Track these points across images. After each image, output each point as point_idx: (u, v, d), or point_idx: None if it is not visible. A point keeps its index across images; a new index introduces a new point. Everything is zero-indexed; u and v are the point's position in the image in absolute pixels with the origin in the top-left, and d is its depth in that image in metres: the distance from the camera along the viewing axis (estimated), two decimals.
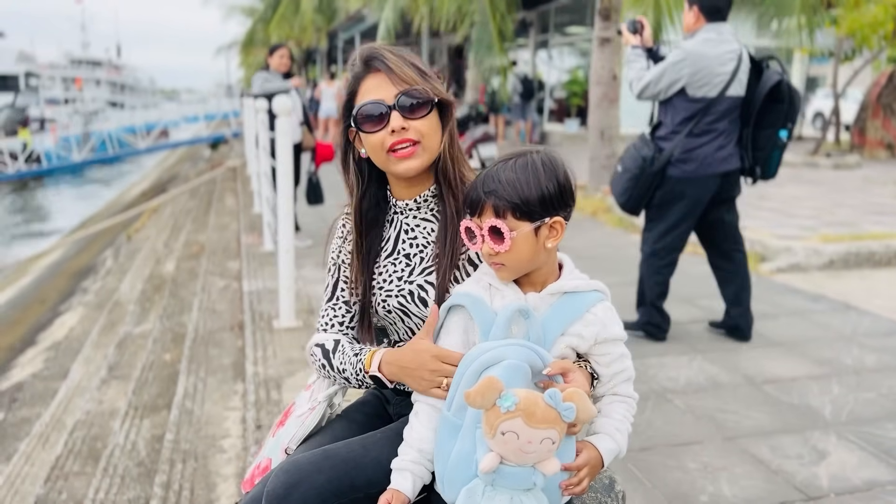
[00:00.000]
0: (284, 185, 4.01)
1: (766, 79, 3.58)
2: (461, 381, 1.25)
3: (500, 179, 1.29)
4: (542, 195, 1.29)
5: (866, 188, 9.00)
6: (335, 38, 24.49)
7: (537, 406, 1.13)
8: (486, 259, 1.34)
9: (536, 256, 1.32)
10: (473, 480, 1.19)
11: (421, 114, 1.44)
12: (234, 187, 11.84)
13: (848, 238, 5.79)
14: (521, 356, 1.22)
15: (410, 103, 1.43)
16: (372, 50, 1.48)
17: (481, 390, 1.13)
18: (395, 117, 1.42)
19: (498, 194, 1.28)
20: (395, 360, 1.42)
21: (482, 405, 1.14)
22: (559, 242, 1.35)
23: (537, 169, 1.30)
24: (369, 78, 1.46)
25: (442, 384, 1.33)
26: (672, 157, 3.63)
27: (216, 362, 4.15)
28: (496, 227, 1.28)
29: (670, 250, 3.79)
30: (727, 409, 3.11)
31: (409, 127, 1.43)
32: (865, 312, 4.44)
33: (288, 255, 4.03)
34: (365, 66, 1.47)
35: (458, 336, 1.37)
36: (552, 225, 1.31)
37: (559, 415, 1.13)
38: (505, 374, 1.19)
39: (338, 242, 1.63)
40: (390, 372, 1.43)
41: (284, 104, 3.92)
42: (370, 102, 1.44)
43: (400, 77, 1.44)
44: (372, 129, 1.44)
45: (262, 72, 6.44)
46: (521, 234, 1.28)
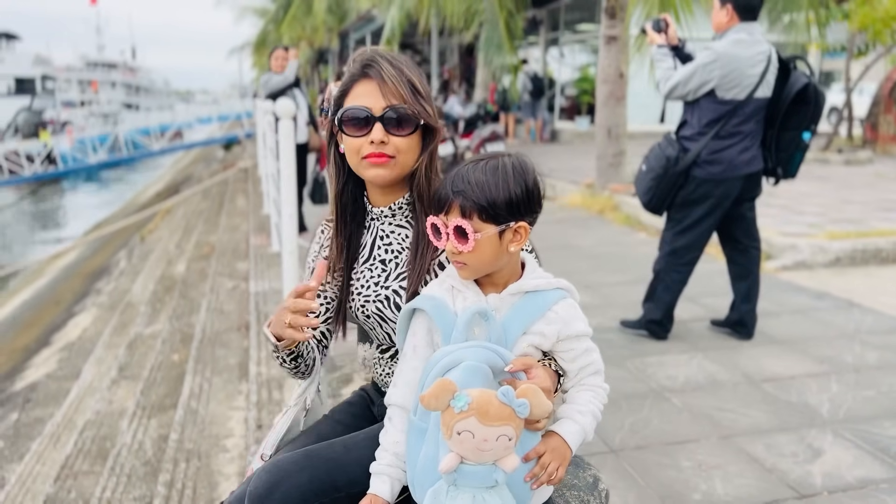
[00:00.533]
0: (287, 186, 4.05)
1: (794, 81, 3.57)
2: (423, 386, 1.28)
3: (469, 180, 1.32)
4: (510, 199, 1.31)
5: (876, 184, 8.93)
6: (346, 39, 24.55)
7: (490, 404, 1.15)
8: (450, 257, 1.36)
9: (498, 259, 1.35)
10: (438, 482, 1.22)
11: (404, 132, 1.46)
12: (245, 188, 11.93)
13: (854, 235, 5.76)
14: (480, 357, 1.25)
15: (396, 119, 1.45)
16: (373, 55, 1.49)
17: (435, 392, 1.16)
18: (377, 129, 1.45)
19: (466, 195, 1.31)
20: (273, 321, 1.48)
21: (437, 407, 1.17)
22: (521, 246, 1.38)
23: (507, 173, 1.32)
24: (364, 82, 1.48)
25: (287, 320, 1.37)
26: (698, 159, 3.62)
27: (222, 362, 4.21)
28: (461, 227, 1.30)
29: (690, 249, 3.79)
30: (725, 408, 3.12)
31: (388, 141, 1.45)
32: (869, 310, 4.43)
33: (292, 257, 4.07)
34: (362, 69, 1.49)
35: (422, 338, 1.39)
36: (516, 229, 1.33)
37: (513, 411, 1.16)
38: (464, 375, 1.22)
39: (314, 248, 1.68)
40: (273, 328, 1.48)
41: (286, 106, 3.97)
42: (358, 108, 1.46)
43: (391, 91, 1.46)
44: (353, 134, 1.47)
45: (267, 74, 6.52)
46: (486, 236, 1.31)
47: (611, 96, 7.80)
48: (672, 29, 3.84)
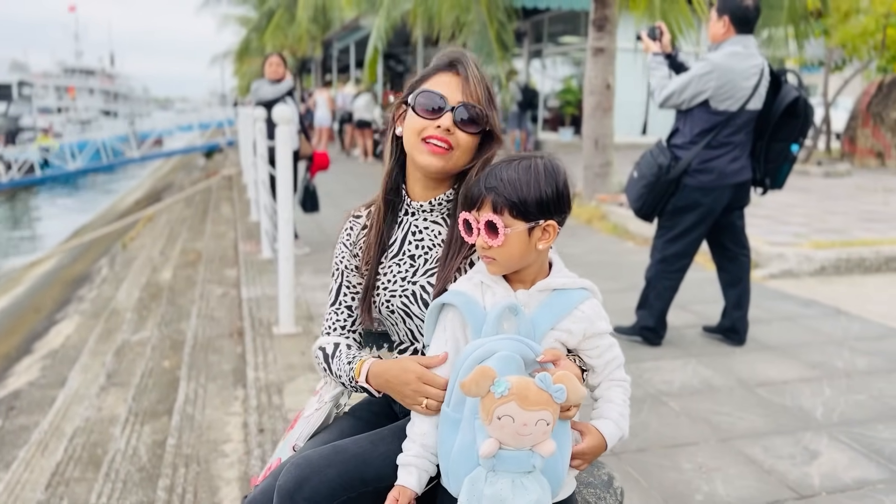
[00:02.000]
0: (284, 193, 4.06)
1: (785, 94, 3.65)
2: (457, 377, 1.30)
3: (501, 178, 1.35)
4: (540, 198, 1.35)
5: (857, 196, 9.11)
6: (330, 48, 24.56)
7: (529, 389, 1.19)
8: (479, 252, 1.39)
9: (527, 255, 1.38)
10: (476, 469, 1.25)
11: (471, 129, 1.50)
12: (230, 196, 11.87)
13: (839, 245, 5.87)
14: (512, 348, 1.28)
15: (468, 116, 1.49)
16: (461, 54, 1.55)
17: (475, 378, 1.20)
18: (447, 117, 1.48)
19: (498, 191, 1.34)
20: (381, 373, 1.47)
21: (477, 393, 1.20)
22: (550, 245, 1.41)
23: (539, 172, 1.36)
24: (446, 74, 1.53)
25: (422, 404, 1.38)
26: (689, 167, 3.68)
27: (216, 368, 4.19)
28: (492, 222, 1.34)
29: (681, 257, 3.84)
30: (721, 412, 3.17)
31: (454, 132, 1.49)
32: (856, 317, 4.51)
33: (288, 263, 4.08)
34: (449, 63, 1.54)
35: (451, 332, 1.42)
36: (545, 227, 1.37)
37: (551, 396, 1.20)
38: (498, 364, 1.24)
39: (342, 249, 1.67)
40: (377, 384, 1.48)
41: (285, 113, 3.98)
42: (436, 93, 1.50)
43: (470, 90, 1.51)
44: (423, 115, 1.50)
45: (258, 80, 6.51)
46: (515, 231, 1.34)
47: (598, 107, 7.89)
48: (666, 37, 3.91)
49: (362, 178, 12.53)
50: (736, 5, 3.59)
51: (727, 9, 3.60)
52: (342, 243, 1.68)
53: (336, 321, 1.65)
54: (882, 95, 12.47)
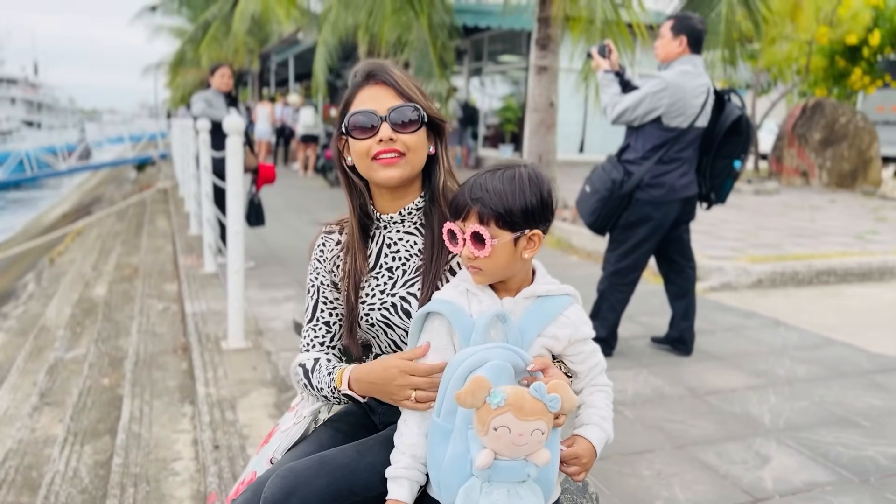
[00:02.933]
0: (235, 205, 3.98)
1: (729, 112, 3.79)
2: (448, 387, 1.30)
3: (487, 188, 1.36)
4: (526, 207, 1.35)
5: (785, 212, 9.51)
6: (268, 61, 24.29)
7: (525, 399, 1.19)
8: (465, 262, 1.39)
9: (513, 265, 1.38)
10: (470, 479, 1.24)
11: (411, 129, 1.49)
12: (165, 209, 11.55)
13: (773, 259, 6.11)
14: (503, 357, 1.28)
15: (402, 118, 1.49)
16: (373, 65, 1.54)
17: (471, 389, 1.19)
18: (384, 128, 1.48)
19: (484, 202, 1.34)
20: (363, 377, 1.46)
21: (473, 404, 1.19)
22: (535, 253, 1.42)
23: (524, 182, 1.37)
24: (366, 89, 1.52)
25: (411, 397, 1.37)
26: (641, 182, 3.77)
27: (161, 385, 4.05)
28: (478, 233, 1.34)
29: (632, 269, 3.92)
30: (674, 420, 3.24)
31: (396, 139, 1.48)
32: (793, 328, 4.70)
33: (238, 276, 3.99)
34: (366, 77, 1.53)
35: (438, 341, 1.41)
36: (531, 237, 1.38)
37: (545, 406, 1.20)
38: (490, 374, 1.24)
39: (316, 264, 1.65)
40: (360, 388, 1.47)
41: (236, 123, 3.91)
42: (363, 112, 1.49)
43: (394, 93, 1.50)
44: (361, 137, 1.49)
45: (203, 92, 6.37)
46: (502, 242, 1.35)
47: (541, 124, 8.01)
48: (615, 55, 4.01)
49: (303, 191, 12.40)
50: (692, 26, 3.72)
51: (685, 29, 3.72)
52: (316, 259, 1.65)
53: (314, 337, 1.63)
54: (806, 118, 13.09)
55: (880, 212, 9.97)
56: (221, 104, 6.10)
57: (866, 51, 13.08)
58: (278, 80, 25.76)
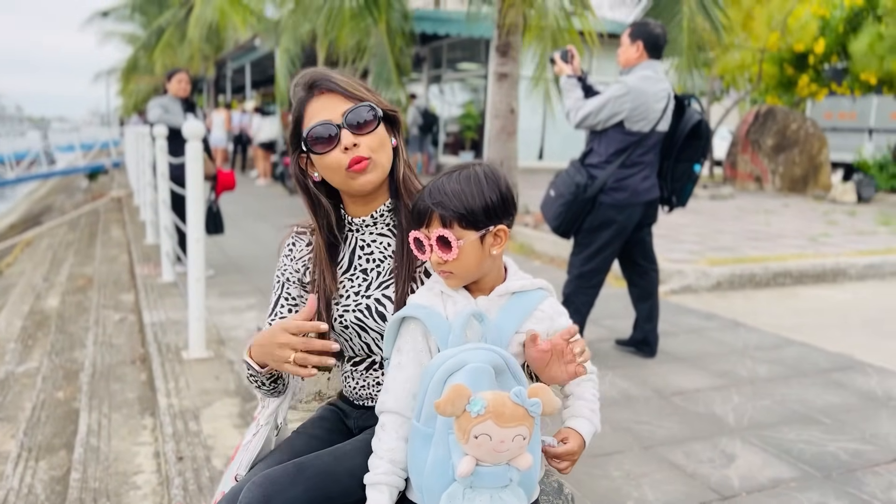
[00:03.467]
0: (195, 212, 3.90)
1: (689, 117, 3.85)
2: (427, 391, 1.28)
3: (445, 191, 1.35)
4: (486, 205, 1.35)
5: (741, 216, 9.72)
6: (224, 67, 23.97)
7: (505, 406, 1.17)
8: (436, 268, 1.39)
9: (483, 263, 1.38)
10: (452, 485, 1.22)
11: (369, 129, 1.47)
12: (120, 218, 11.29)
13: (731, 261, 6.23)
14: (482, 358, 1.27)
15: (357, 120, 1.46)
16: (315, 74, 1.51)
17: (450, 398, 1.17)
18: (345, 135, 1.45)
19: (444, 205, 1.34)
20: (256, 342, 1.45)
21: (452, 413, 1.17)
22: (503, 249, 1.42)
23: (480, 180, 1.37)
24: (313, 101, 1.49)
25: (290, 358, 1.35)
26: (605, 186, 3.80)
27: (119, 397, 3.94)
28: (443, 237, 1.33)
29: (597, 272, 3.95)
30: (641, 421, 3.26)
31: (359, 143, 1.46)
32: (753, 329, 4.79)
33: (199, 284, 3.91)
34: (308, 89, 1.50)
35: (416, 345, 1.39)
36: (496, 233, 1.38)
37: (527, 411, 1.18)
38: (470, 377, 1.22)
39: (284, 261, 1.62)
40: (257, 355, 1.45)
41: (196, 128, 3.84)
42: (319, 124, 1.46)
43: (341, 98, 1.47)
44: (324, 150, 1.47)
45: (159, 97, 6.25)
46: (468, 242, 1.34)
47: (502, 131, 8.05)
48: (576, 60, 4.05)
49: (262, 199, 12.25)
50: (649, 32, 3.78)
51: (641, 35, 3.78)
52: (285, 256, 1.63)
53: None
54: (759, 124, 13.42)
55: (831, 215, 10.25)
56: (179, 110, 5.99)
57: (812, 59, 13.48)
58: (234, 86, 25.44)
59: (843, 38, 12.64)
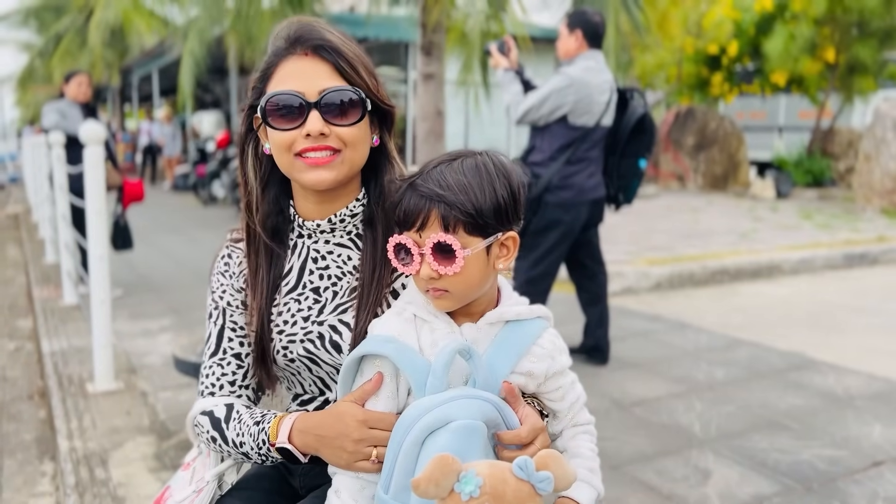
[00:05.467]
0: (97, 226, 3.44)
1: (632, 111, 3.66)
2: (399, 453, 0.97)
3: (448, 184, 1.03)
4: (498, 204, 1.05)
5: (669, 215, 9.76)
6: (130, 75, 22.81)
7: (506, 484, 0.87)
8: (424, 285, 1.06)
9: (486, 280, 1.07)
10: None
11: (350, 120, 1.13)
12: (17, 236, 10.43)
13: (670, 261, 6.14)
14: (472, 412, 0.97)
15: (338, 104, 1.11)
16: (305, 26, 1.14)
17: (434, 476, 0.85)
18: (313, 118, 1.10)
19: (448, 201, 1.02)
20: (310, 428, 1.10)
21: (436, 495, 0.85)
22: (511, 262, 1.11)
23: (490, 173, 1.06)
24: (292, 60, 1.13)
25: (371, 456, 1.03)
26: (550, 184, 3.56)
27: (14, 440, 3.43)
28: (445, 244, 1.01)
29: (544, 277, 3.71)
30: (605, 436, 3.02)
31: (329, 133, 1.11)
32: (700, 329, 4.66)
33: (104, 307, 3.45)
34: (290, 43, 1.14)
35: (383, 388, 1.07)
36: (504, 242, 1.07)
37: (533, 488, 0.88)
38: (457, 441, 0.93)
39: (221, 280, 1.27)
40: (304, 443, 1.10)
41: (95, 132, 3.38)
42: (286, 93, 1.11)
43: (328, 69, 1.12)
44: (282, 126, 1.12)
45: (55, 102, 5.66)
46: (475, 252, 1.03)
47: (430, 133, 7.79)
48: (514, 53, 3.81)
49: (174, 211, 11.59)
50: (587, 20, 3.57)
51: (579, 23, 3.56)
52: (220, 274, 1.27)
53: (222, 376, 1.23)
54: (679, 123, 13.64)
55: (755, 211, 10.43)
56: (78, 115, 5.43)
57: (725, 60, 13.80)
58: (142, 95, 24.27)
59: (755, 40, 12.97)
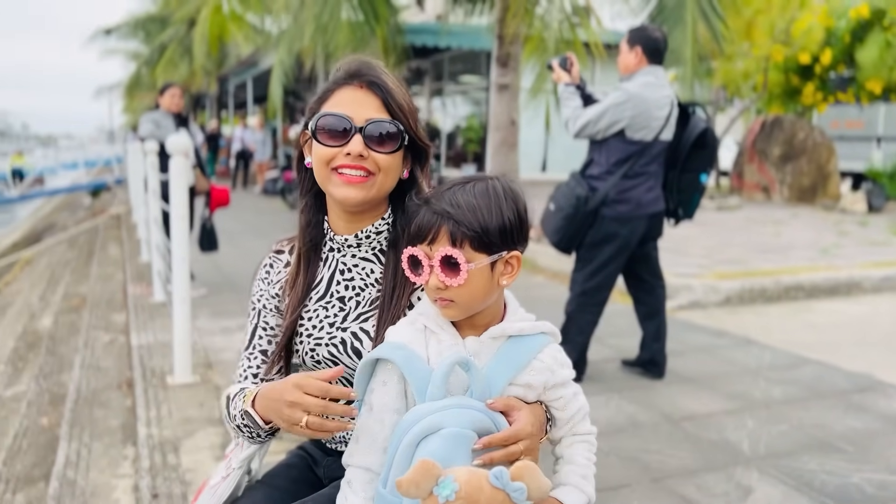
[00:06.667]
0: (179, 230, 3.73)
1: (694, 125, 3.68)
2: (395, 454, 1.10)
3: (458, 203, 1.16)
4: (503, 225, 1.17)
5: (749, 228, 9.51)
6: (226, 83, 23.93)
7: (482, 492, 0.98)
8: (432, 294, 1.19)
9: (490, 294, 1.20)
10: None
11: (387, 149, 1.29)
12: (118, 235, 11.16)
13: (741, 275, 6.03)
14: (462, 421, 1.09)
15: (380, 133, 1.28)
16: (362, 64, 1.33)
17: (415, 478, 0.97)
18: (356, 141, 1.27)
19: (456, 219, 1.15)
20: (264, 392, 1.25)
21: (417, 495, 0.98)
22: (513, 279, 1.23)
23: (498, 196, 1.18)
24: (347, 89, 1.31)
25: (301, 421, 1.14)
26: (607, 198, 3.62)
27: (102, 425, 3.76)
28: (451, 257, 1.14)
29: (600, 289, 3.76)
30: (650, 449, 3.06)
31: (368, 155, 1.28)
32: (766, 346, 4.58)
33: (184, 305, 3.74)
34: (349, 76, 1.32)
35: (391, 388, 1.20)
36: (509, 260, 1.20)
37: (508, 496, 0.99)
38: (445, 446, 1.05)
39: (260, 285, 1.45)
40: (261, 407, 1.25)
41: (180, 143, 3.67)
42: (337, 115, 1.28)
43: (376, 103, 1.30)
44: (327, 143, 1.29)
45: (151, 112, 6.11)
46: (479, 267, 1.16)
47: (503, 143, 7.90)
48: (576, 68, 3.88)
49: (262, 214, 12.11)
50: (647, 36, 3.61)
51: (639, 39, 3.61)
52: (260, 280, 1.45)
53: (248, 367, 1.41)
54: (765, 134, 13.23)
55: (841, 226, 10.03)
56: (170, 125, 5.84)
57: (818, 68, 13.32)
58: (237, 102, 25.40)
59: (849, 48, 12.47)
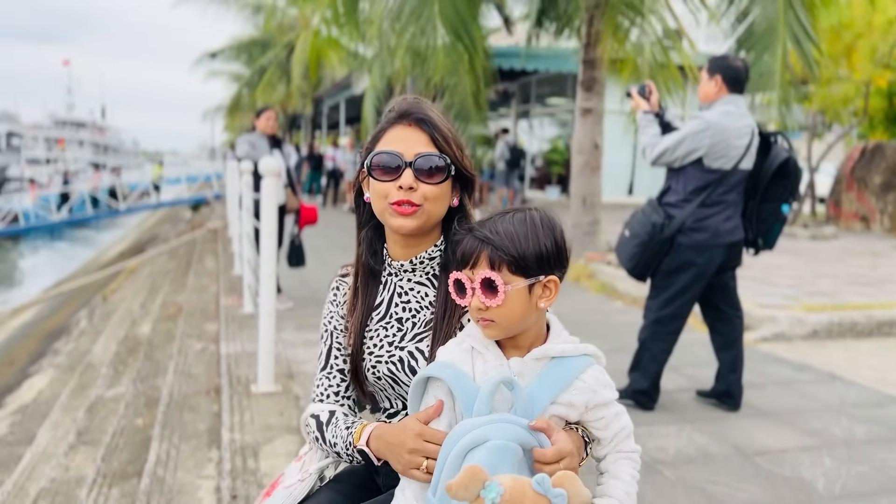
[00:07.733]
0: (268, 246, 3.96)
1: (775, 155, 3.64)
2: (444, 464, 1.19)
3: (497, 231, 1.27)
4: (540, 251, 1.26)
5: (844, 259, 9.12)
6: (321, 105, 24.84)
7: (525, 496, 1.07)
8: (475, 315, 1.29)
9: (528, 315, 1.28)
10: None
11: (435, 180, 1.42)
12: (214, 248, 11.75)
13: (830, 308, 5.81)
14: (507, 435, 1.17)
15: (428, 167, 1.42)
16: (411, 104, 1.47)
17: (463, 482, 1.07)
18: (407, 175, 1.41)
19: (495, 244, 1.26)
20: (381, 435, 1.36)
21: (465, 498, 1.07)
22: (551, 303, 1.31)
23: (535, 225, 1.28)
24: (398, 128, 1.46)
25: (421, 466, 1.25)
26: (683, 226, 3.62)
27: (190, 428, 4.01)
28: (490, 280, 1.24)
29: (675, 318, 3.75)
30: (718, 482, 3.03)
31: (417, 187, 1.41)
32: (852, 383, 4.42)
33: (269, 318, 3.95)
34: (400, 115, 1.46)
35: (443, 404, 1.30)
36: (546, 284, 1.28)
37: (549, 502, 1.07)
38: (490, 457, 1.13)
39: (330, 307, 1.59)
40: (377, 447, 1.37)
41: (271, 165, 3.91)
42: (388, 153, 1.43)
43: (424, 138, 1.43)
44: (382, 178, 1.43)
45: (247, 134, 6.46)
46: (516, 289, 1.25)
47: (586, 166, 7.91)
48: (655, 96, 3.90)
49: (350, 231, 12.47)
50: (727, 65, 3.61)
51: (719, 68, 3.61)
52: (330, 303, 1.59)
53: (328, 387, 1.54)
54: (865, 160, 12.66)
55: None
56: (265, 146, 6.17)
57: None
58: (330, 122, 26.29)
59: None
